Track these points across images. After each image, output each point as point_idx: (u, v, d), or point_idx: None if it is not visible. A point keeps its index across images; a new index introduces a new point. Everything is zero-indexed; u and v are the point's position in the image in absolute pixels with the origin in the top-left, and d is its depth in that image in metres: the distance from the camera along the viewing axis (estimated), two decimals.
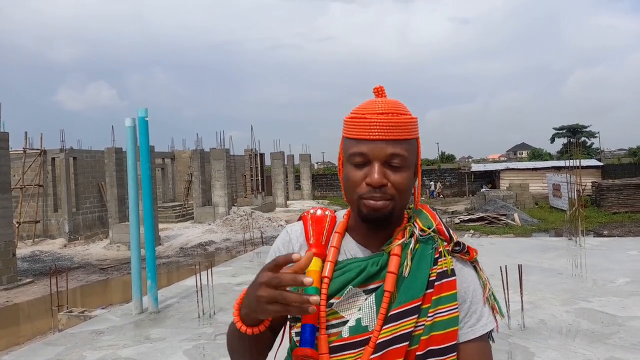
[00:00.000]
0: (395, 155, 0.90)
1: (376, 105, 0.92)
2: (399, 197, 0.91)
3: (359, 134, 0.92)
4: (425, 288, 0.91)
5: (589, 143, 48.15)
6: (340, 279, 0.92)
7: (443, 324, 0.90)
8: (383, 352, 0.88)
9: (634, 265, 6.33)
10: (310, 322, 0.89)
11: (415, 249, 0.94)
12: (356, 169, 0.92)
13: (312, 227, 0.99)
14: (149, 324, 4.85)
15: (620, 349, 3.64)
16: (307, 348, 0.88)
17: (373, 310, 0.91)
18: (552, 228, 17.48)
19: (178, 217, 23.61)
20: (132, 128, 5.46)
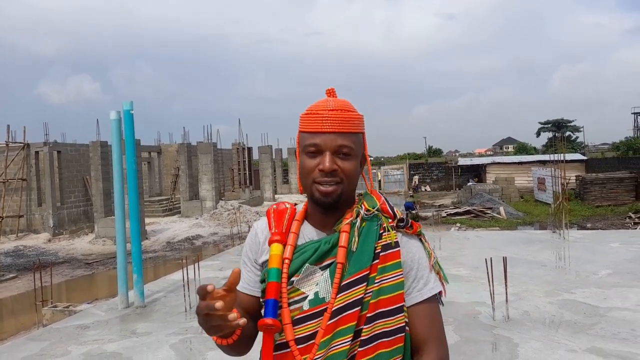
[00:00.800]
0: (344, 146, 1.05)
1: (328, 103, 1.07)
2: (347, 182, 1.06)
3: (313, 128, 1.06)
4: (372, 259, 1.04)
5: (574, 137, 48.83)
6: (299, 260, 1.06)
7: (389, 289, 1.03)
8: (338, 317, 1.01)
9: (615, 258, 6.45)
10: (272, 297, 1.02)
11: (362, 227, 1.08)
12: (310, 158, 1.06)
13: (274, 219, 1.14)
14: (135, 318, 4.82)
15: (601, 339, 3.71)
16: (269, 318, 0.99)
17: (328, 283, 1.04)
18: (537, 221, 17.71)
19: (165, 211, 23.44)
20: (117, 121, 5.40)
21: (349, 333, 1.01)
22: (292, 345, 1.02)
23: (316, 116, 1.06)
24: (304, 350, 1.02)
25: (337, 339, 1.00)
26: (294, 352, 1.02)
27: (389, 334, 1.02)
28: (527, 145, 45.55)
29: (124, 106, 5.33)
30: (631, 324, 3.99)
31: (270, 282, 1.04)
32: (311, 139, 1.06)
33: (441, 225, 15.28)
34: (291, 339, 1.03)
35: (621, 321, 4.08)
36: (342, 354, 1.00)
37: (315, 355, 1.00)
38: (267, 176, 28.93)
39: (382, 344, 1.01)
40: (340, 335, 1.01)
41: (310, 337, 1.02)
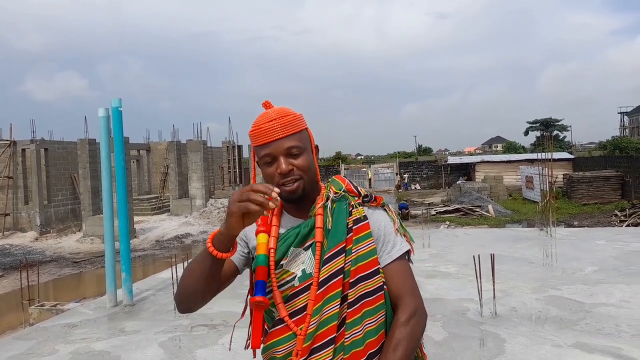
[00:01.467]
0: (292, 146, 1.18)
1: (266, 115, 1.21)
2: (305, 175, 1.20)
3: (262, 140, 1.19)
4: (346, 233, 1.21)
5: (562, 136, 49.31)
6: (284, 245, 1.21)
7: (364, 255, 1.20)
8: (325, 287, 1.16)
9: (601, 255, 6.55)
10: (261, 279, 1.15)
11: (333, 207, 1.23)
12: (268, 166, 1.20)
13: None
14: (124, 316, 4.79)
15: (586, 334, 3.77)
16: (259, 296, 1.12)
17: (312, 260, 1.20)
18: (525, 219, 17.90)
19: (154, 209, 23.29)
20: (105, 118, 5.35)
21: (337, 298, 1.17)
22: (287, 319, 1.19)
23: (260, 130, 1.19)
24: (299, 322, 1.17)
25: (326, 305, 1.16)
26: (290, 325, 1.18)
27: (370, 294, 1.19)
28: (516, 144, 45.96)
29: (112, 103, 5.29)
30: (615, 320, 4.06)
31: (259, 266, 1.16)
32: (263, 150, 1.19)
33: (430, 223, 15.37)
34: (285, 314, 1.19)
35: (606, 317, 4.14)
36: (334, 317, 1.16)
37: (310, 323, 1.15)
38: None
39: (366, 303, 1.18)
40: (329, 301, 1.16)
41: (302, 309, 1.18)
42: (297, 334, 1.16)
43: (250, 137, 1.23)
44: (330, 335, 1.15)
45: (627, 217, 16.17)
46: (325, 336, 1.15)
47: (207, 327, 4.33)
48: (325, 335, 1.15)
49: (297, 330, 1.17)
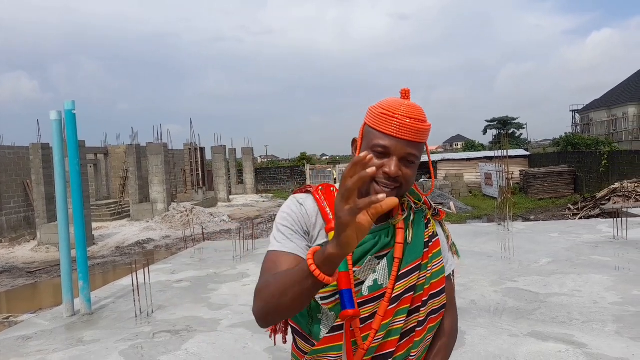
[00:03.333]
0: (412, 154, 1.09)
1: (405, 108, 1.08)
2: (405, 185, 1.11)
3: (387, 129, 1.08)
4: (423, 249, 1.16)
5: (518, 134, 51.07)
6: (359, 250, 1.11)
7: (437, 273, 1.17)
8: (396, 303, 1.11)
9: (555, 247, 6.83)
10: (346, 287, 1.06)
11: (413, 220, 1.17)
12: (376, 156, 1.08)
13: (327, 204, 1.15)
14: (82, 326, 4.63)
15: (541, 324, 3.93)
16: (351, 309, 1.05)
17: (386, 272, 1.12)
18: (485, 215, 18.44)
19: (113, 215, 22.60)
20: (58, 122, 5.16)
21: (403, 314, 1.13)
22: (355, 326, 1.11)
23: (393, 119, 1.07)
24: (363, 330, 1.11)
25: (393, 319, 1.13)
26: (356, 332, 1.10)
27: (436, 311, 1.18)
28: (475, 142, 47.24)
29: (65, 106, 5.10)
30: (567, 308, 4.25)
31: (341, 272, 1.06)
32: (382, 139, 1.08)
33: None
34: (356, 326, 1.11)
35: (559, 306, 4.33)
36: (397, 331, 1.12)
37: (374, 338, 1.10)
38: (220, 177, 28.49)
39: (431, 319, 1.17)
40: (396, 316, 1.12)
41: (368, 318, 1.11)
42: (360, 346, 1.10)
43: (371, 115, 1.11)
44: (390, 349, 1.12)
45: (580, 210, 16.94)
46: (385, 349, 1.12)
47: (169, 333, 4.25)
48: (384, 347, 1.12)
49: (359, 341, 1.10)
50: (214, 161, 28.95)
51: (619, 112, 43.27)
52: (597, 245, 6.76)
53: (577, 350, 3.38)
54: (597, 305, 4.30)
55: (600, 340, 3.53)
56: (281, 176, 36.24)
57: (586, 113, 49.58)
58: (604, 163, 20.39)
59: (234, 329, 4.24)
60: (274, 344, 1.29)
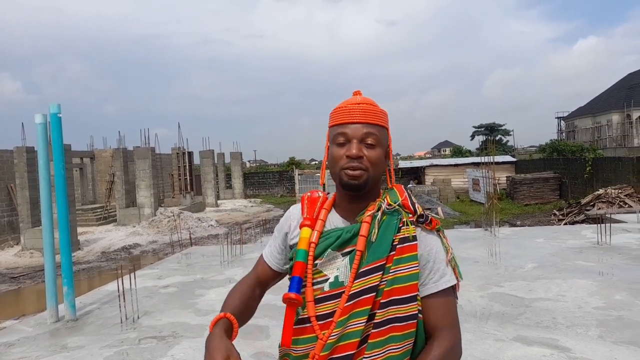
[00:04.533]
0: (370, 134, 1.15)
1: (354, 99, 1.21)
2: (372, 169, 1.15)
3: (341, 119, 1.18)
4: (389, 250, 1.13)
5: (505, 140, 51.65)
6: (323, 244, 1.18)
7: (404, 279, 1.12)
8: (354, 301, 1.11)
9: (540, 252, 6.91)
10: (298, 275, 1.16)
11: (382, 220, 1.16)
12: (339, 147, 1.17)
13: (307, 205, 1.26)
14: (66, 332, 4.56)
15: (526, 328, 3.97)
16: (293, 293, 1.14)
17: (347, 269, 1.15)
18: (472, 220, 18.59)
19: (99, 219, 22.34)
20: (43, 125, 5.10)
21: (364, 315, 1.11)
22: (314, 321, 1.14)
23: (344, 110, 1.18)
24: (323, 326, 1.13)
25: (352, 320, 1.11)
26: (315, 327, 1.14)
27: (401, 320, 1.10)
28: (463, 148, 47.65)
29: (50, 109, 5.05)
30: (552, 313, 4.30)
31: (297, 261, 1.17)
32: (340, 129, 1.17)
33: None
34: (312, 315, 1.15)
35: (544, 310, 4.38)
36: (357, 333, 1.10)
37: (332, 332, 1.11)
38: (209, 181, 28.34)
39: (395, 327, 1.10)
40: (356, 317, 1.11)
41: (329, 315, 1.13)
42: (319, 338, 1.12)
43: (330, 117, 1.22)
44: (350, 351, 1.10)
45: (565, 216, 17.16)
46: (345, 350, 1.10)
47: (155, 339, 4.21)
48: (344, 349, 1.10)
49: (320, 334, 1.12)
50: (202, 165, 28.80)
51: (603, 120, 44.02)
52: (582, 251, 6.85)
53: (562, 355, 3.42)
54: (581, 309, 4.35)
55: (584, 344, 3.58)
56: (270, 181, 36.16)
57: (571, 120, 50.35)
58: (588, 169, 20.71)
59: None
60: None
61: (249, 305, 1.29)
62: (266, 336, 4.12)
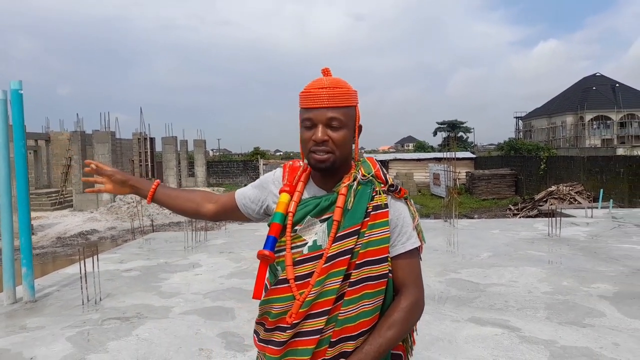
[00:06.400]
0: (333, 118, 1.22)
1: (320, 82, 1.25)
2: (338, 151, 1.23)
3: (307, 104, 1.24)
4: (363, 217, 1.24)
5: (465, 137, 53.11)
6: (302, 212, 1.28)
7: (377, 242, 1.23)
8: (331, 262, 1.22)
9: (495, 242, 7.26)
10: (273, 234, 1.26)
11: (357, 189, 1.26)
12: (306, 130, 1.25)
13: (288, 172, 1.36)
14: (25, 313, 4.47)
15: (480, 310, 4.21)
16: (267, 250, 1.25)
17: (325, 234, 1.25)
18: (432, 213, 19.11)
19: (54, 204, 21.59)
20: (3, 101, 4.92)
21: (340, 275, 1.21)
22: (292, 282, 1.24)
23: (309, 94, 1.24)
24: (301, 286, 1.23)
25: (329, 279, 1.21)
26: (292, 288, 1.23)
27: (373, 279, 1.22)
28: (425, 144, 48.69)
29: (11, 85, 4.88)
30: (504, 297, 4.56)
31: (274, 222, 1.27)
32: (306, 114, 1.24)
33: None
34: (291, 277, 1.24)
35: (497, 295, 4.64)
36: (333, 291, 1.21)
37: (310, 291, 1.21)
38: (171, 168, 27.82)
39: (368, 286, 1.22)
40: (333, 277, 1.21)
41: (306, 276, 1.23)
42: (296, 298, 1.22)
43: (299, 98, 1.27)
44: (326, 307, 1.21)
45: (519, 211, 17.92)
46: (322, 307, 1.21)
47: (119, 320, 4.19)
48: (321, 305, 1.21)
49: (297, 295, 1.22)
50: (164, 152, 28.23)
51: (558, 121, 45.97)
52: (533, 242, 7.24)
53: (512, 334, 3.66)
54: (531, 294, 4.64)
55: (532, 324, 3.84)
56: (234, 170, 35.82)
57: (528, 120, 52.28)
58: (542, 167, 21.66)
59: (186, 316, 4.25)
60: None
61: (188, 198, 1.50)
62: (232, 317, 4.18)
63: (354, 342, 1.22)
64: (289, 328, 1.22)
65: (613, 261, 5.90)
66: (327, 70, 1.30)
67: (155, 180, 1.51)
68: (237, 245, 7.59)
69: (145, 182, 1.51)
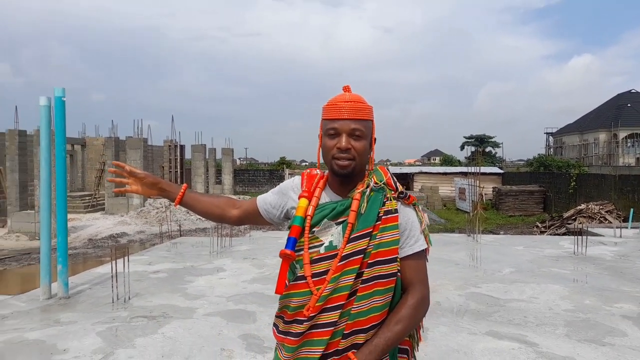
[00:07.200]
0: (357, 129, 1.37)
1: (343, 97, 1.41)
2: (358, 158, 1.38)
3: (332, 115, 1.39)
4: (375, 221, 1.38)
5: (494, 152, 52.30)
6: (320, 215, 1.42)
7: (387, 244, 1.37)
8: (346, 261, 1.36)
9: (519, 259, 7.20)
10: (293, 235, 1.40)
11: (370, 195, 1.40)
12: (330, 139, 1.39)
13: (306, 180, 1.50)
14: (59, 308, 4.72)
15: (498, 324, 4.22)
16: (288, 250, 1.38)
17: (340, 235, 1.39)
18: (457, 228, 18.89)
19: (87, 207, 22.32)
20: (47, 107, 5.24)
21: (353, 273, 1.35)
22: (309, 279, 1.37)
23: (335, 106, 1.39)
24: (317, 283, 1.36)
25: (344, 277, 1.35)
26: (310, 284, 1.37)
27: (384, 277, 1.35)
28: (452, 158, 48.17)
29: (55, 92, 5.20)
30: (524, 312, 4.55)
31: (294, 225, 1.41)
32: (331, 124, 1.38)
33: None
34: (309, 274, 1.38)
35: (516, 310, 4.63)
36: (347, 287, 1.34)
37: (326, 287, 1.35)
38: (199, 175, 28.37)
39: (379, 283, 1.35)
40: (347, 274, 1.35)
41: (322, 273, 1.37)
42: (313, 293, 1.35)
43: (323, 110, 1.43)
44: (341, 302, 1.33)
45: (547, 229, 17.56)
46: (336, 301, 1.34)
47: (146, 318, 4.39)
48: (336, 300, 1.34)
49: (314, 290, 1.35)
50: (193, 160, 28.83)
51: (590, 138, 44.83)
52: (558, 259, 7.15)
53: (529, 349, 3.67)
54: (551, 311, 4.62)
55: (551, 340, 3.83)
56: (260, 179, 36.30)
57: (559, 136, 51.17)
58: (572, 185, 21.19)
59: (209, 317, 4.41)
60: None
61: (213, 203, 1.63)
62: (253, 320, 4.31)
63: (365, 334, 1.34)
64: (306, 320, 1.35)
65: (639, 282, 5.79)
66: (348, 87, 1.44)
67: (183, 185, 1.64)
68: (261, 251, 7.76)
69: (175, 185, 1.64)
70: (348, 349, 1.34)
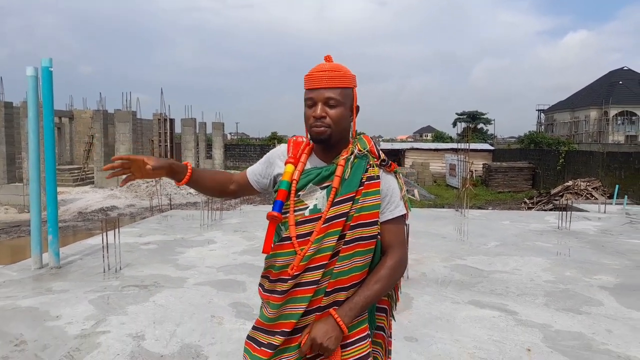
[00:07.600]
0: (330, 98, 1.41)
1: (321, 66, 1.44)
2: (334, 126, 1.42)
3: (309, 85, 1.44)
4: (358, 186, 1.44)
5: (485, 129, 52.43)
6: (305, 179, 1.47)
7: (369, 207, 1.44)
8: (329, 223, 1.42)
9: (504, 233, 7.35)
10: (280, 199, 1.46)
11: (354, 162, 1.46)
12: (308, 108, 1.44)
13: (292, 146, 1.55)
14: (50, 278, 4.78)
15: (480, 294, 4.36)
16: (275, 212, 1.45)
17: (324, 199, 1.45)
18: (446, 203, 19.10)
19: (76, 180, 22.19)
20: (34, 78, 5.18)
21: (336, 235, 1.41)
22: (294, 239, 1.43)
23: (312, 77, 1.44)
24: (302, 244, 1.42)
25: (327, 238, 1.41)
26: (294, 244, 1.43)
27: (365, 239, 1.43)
28: (444, 134, 48.21)
29: (42, 62, 5.12)
30: (506, 283, 4.70)
31: (281, 189, 1.47)
32: (309, 94, 1.44)
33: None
34: (293, 235, 1.44)
35: (499, 281, 4.78)
36: (329, 248, 1.41)
37: (310, 247, 1.41)
38: (189, 150, 28.20)
39: (360, 245, 1.42)
40: (330, 236, 1.41)
41: (307, 235, 1.43)
42: (298, 253, 1.41)
43: (304, 81, 1.47)
44: (323, 262, 1.40)
45: (534, 205, 17.83)
46: (319, 261, 1.40)
47: (137, 287, 4.46)
48: (319, 260, 1.40)
49: (298, 250, 1.41)
50: (183, 134, 28.60)
51: (581, 115, 45.07)
52: (542, 233, 7.32)
53: (509, 317, 3.81)
54: (532, 282, 4.77)
55: (530, 309, 3.98)
56: (251, 154, 36.19)
57: (551, 113, 51.36)
58: (561, 162, 21.42)
59: (200, 287, 4.50)
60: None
61: (214, 179, 1.63)
62: (243, 289, 4.41)
63: (346, 292, 1.42)
64: (290, 279, 1.42)
65: (619, 255, 5.97)
66: (329, 57, 1.48)
67: (188, 164, 1.57)
68: (251, 224, 7.84)
69: (182, 165, 1.56)
70: (330, 305, 1.41)
